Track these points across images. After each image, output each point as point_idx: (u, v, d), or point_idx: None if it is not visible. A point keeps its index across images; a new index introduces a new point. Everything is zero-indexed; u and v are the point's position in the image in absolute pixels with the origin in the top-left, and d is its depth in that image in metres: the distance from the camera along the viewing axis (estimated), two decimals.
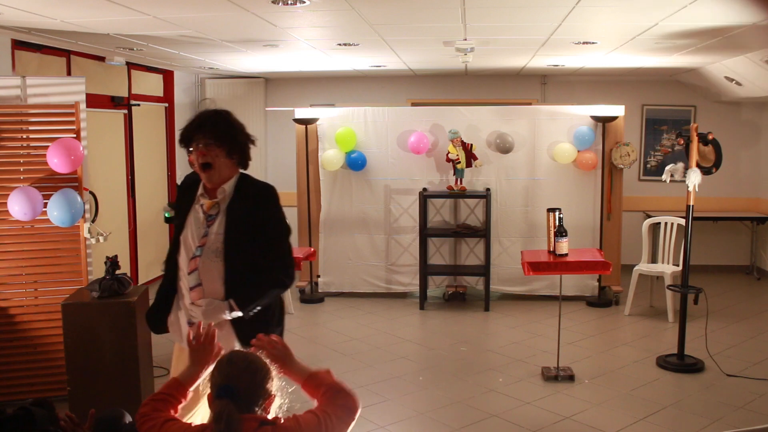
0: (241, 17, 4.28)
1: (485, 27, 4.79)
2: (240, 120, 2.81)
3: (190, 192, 2.77)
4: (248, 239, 2.65)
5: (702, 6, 3.83)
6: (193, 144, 2.65)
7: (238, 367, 1.86)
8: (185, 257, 2.69)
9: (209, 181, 2.68)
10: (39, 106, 4.42)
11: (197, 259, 2.65)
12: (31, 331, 4.32)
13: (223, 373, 1.85)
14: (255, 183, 2.79)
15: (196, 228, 2.69)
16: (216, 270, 2.63)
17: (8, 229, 4.29)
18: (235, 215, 2.66)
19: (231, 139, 2.68)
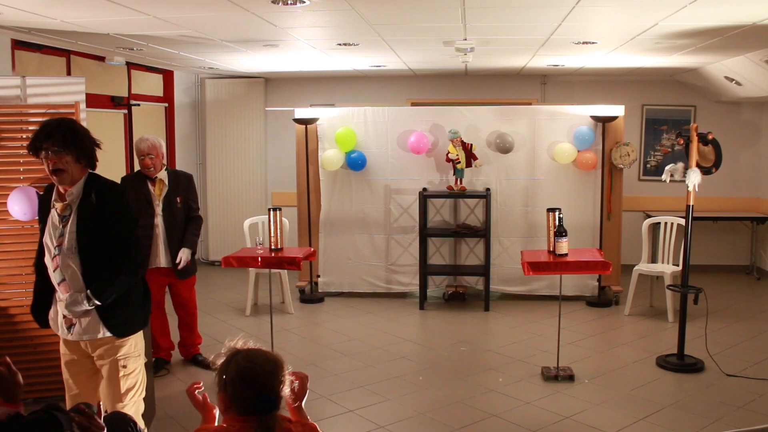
0: (241, 17, 4.29)
1: (485, 27, 4.79)
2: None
3: (47, 199, 3.03)
4: (98, 234, 2.93)
5: (702, 6, 3.83)
6: (42, 152, 2.86)
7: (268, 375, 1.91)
8: (48, 257, 2.98)
9: (61, 183, 2.93)
10: (39, 106, 4.42)
11: (57, 258, 2.94)
12: (31, 331, 4.32)
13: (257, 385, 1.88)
14: (103, 182, 3.04)
15: (54, 229, 2.96)
16: (74, 265, 2.93)
17: (8, 229, 4.29)
18: (84, 213, 2.93)
19: (78, 145, 2.91)
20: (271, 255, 5.05)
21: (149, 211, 4.77)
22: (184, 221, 4.94)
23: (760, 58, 5.80)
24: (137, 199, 4.69)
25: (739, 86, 6.94)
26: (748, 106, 8.19)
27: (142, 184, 4.81)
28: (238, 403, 1.87)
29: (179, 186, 4.92)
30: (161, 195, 4.84)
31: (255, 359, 1.92)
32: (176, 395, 4.59)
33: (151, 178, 4.83)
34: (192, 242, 4.96)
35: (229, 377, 1.89)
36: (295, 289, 7.18)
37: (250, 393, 1.87)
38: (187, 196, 4.97)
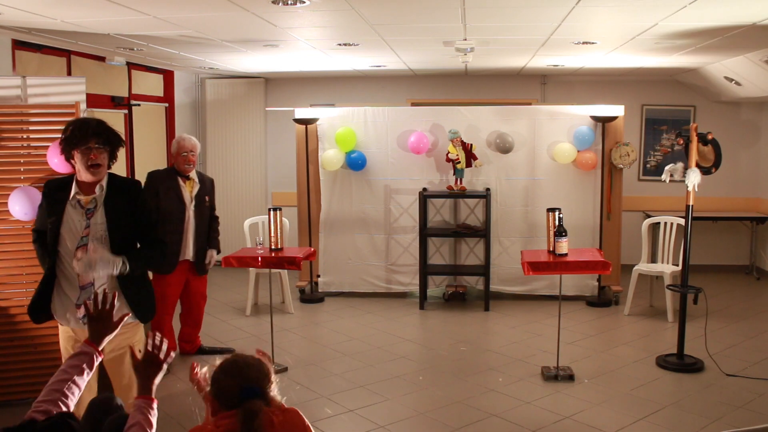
0: (241, 17, 4.29)
1: (485, 27, 4.79)
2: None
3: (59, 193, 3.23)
4: (126, 224, 3.26)
5: (702, 6, 3.83)
6: (83, 147, 3.12)
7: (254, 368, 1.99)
8: (70, 247, 3.18)
9: (96, 177, 3.19)
10: (39, 106, 4.42)
11: (84, 247, 3.16)
12: (31, 331, 4.32)
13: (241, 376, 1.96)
14: (124, 179, 3.39)
15: (75, 221, 3.19)
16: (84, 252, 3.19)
17: (8, 229, 4.29)
18: (113, 207, 3.23)
19: (116, 144, 3.24)
20: (271, 255, 5.05)
21: (180, 207, 4.99)
22: (208, 220, 5.20)
23: (760, 58, 5.80)
24: (168, 195, 4.95)
25: (738, 86, 6.94)
26: (748, 106, 8.19)
27: (173, 181, 5.01)
28: (223, 399, 1.95)
29: (206, 186, 5.17)
30: (192, 192, 5.06)
31: (237, 355, 2.03)
32: (176, 395, 4.60)
33: (184, 176, 5.04)
34: (217, 243, 5.28)
35: (215, 375, 2.00)
36: (295, 289, 7.19)
37: (232, 383, 1.95)
38: (212, 197, 5.25)
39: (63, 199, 3.21)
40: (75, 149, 3.13)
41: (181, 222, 4.98)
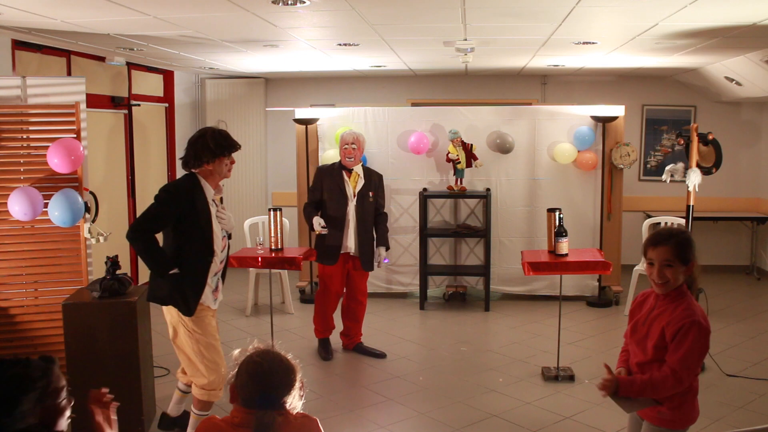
0: (241, 17, 4.29)
1: (485, 27, 4.79)
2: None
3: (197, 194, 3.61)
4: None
5: (702, 6, 3.83)
6: (229, 155, 3.71)
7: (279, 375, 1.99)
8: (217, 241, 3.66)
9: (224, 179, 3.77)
10: (39, 106, 4.42)
11: (225, 239, 3.76)
12: (31, 331, 4.32)
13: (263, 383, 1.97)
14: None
15: (218, 219, 3.68)
16: (226, 242, 3.79)
17: (9, 229, 4.29)
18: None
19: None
20: (271, 255, 5.05)
21: (342, 201, 5.13)
22: (373, 215, 5.25)
23: (760, 58, 5.80)
24: (331, 188, 5.13)
25: (739, 86, 6.94)
26: (748, 106, 8.19)
27: (337, 174, 5.16)
28: (242, 395, 1.98)
29: (371, 182, 5.24)
30: (356, 187, 5.16)
31: (266, 357, 2.02)
32: None
33: (348, 169, 5.15)
34: (387, 241, 5.34)
35: (241, 369, 2.00)
36: (295, 289, 7.18)
37: (253, 388, 1.96)
38: (378, 193, 5.28)
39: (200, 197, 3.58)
40: (224, 156, 3.63)
41: (342, 215, 5.09)
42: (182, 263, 3.57)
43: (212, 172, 3.63)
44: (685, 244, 2.56)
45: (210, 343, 3.66)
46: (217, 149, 3.60)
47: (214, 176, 3.65)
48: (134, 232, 3.51)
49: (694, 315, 2.50)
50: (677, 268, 2.54)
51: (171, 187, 3.68)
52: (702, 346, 2.52)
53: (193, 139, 3.66)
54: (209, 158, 3.59)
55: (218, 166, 3.63)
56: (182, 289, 3.56)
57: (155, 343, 4.51)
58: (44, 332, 4.32)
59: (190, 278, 3.57)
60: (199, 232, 3.57)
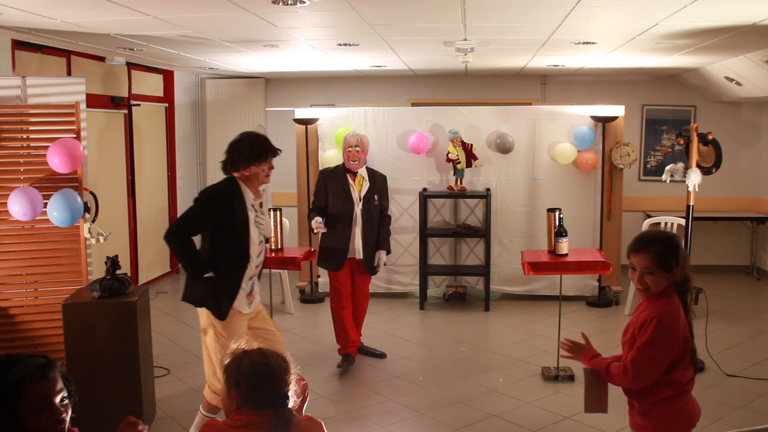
0: (241, 17, 4.28)
1: (485, 27, 4.79)
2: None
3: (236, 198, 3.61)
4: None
5: (702, 6, 3.83)
6: (266, 161, 3.71)
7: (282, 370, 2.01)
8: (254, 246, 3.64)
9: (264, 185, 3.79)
10: (39, 106, 4.42)
11: (262, 244, 3.74)
12: (31, 331, 4.32)
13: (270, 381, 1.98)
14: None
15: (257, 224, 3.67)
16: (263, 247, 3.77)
17: (8, 229, 4.29)
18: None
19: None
20: (271, 255, 5.05)
21: (348, 205, 4.98)
22: (378, 218, 5.11)
23: (760, 58, 5.80)
24: (336, 192, 5.00)
25: (739, 86, 6.94)
26: (748, 106, 8.19)
27: (342, 178, 5.01)
28: (252, 399, 1.96)
29: (376, 184, 5.10)
30: (361, 190, 5.02)
31: (268, 356, 2.03)
32: (176, 395, 4.60)
33: (352, 172, 5.00)
34: (388, 244, 5.21)
35: (242, 375, 1.97)
36: (295, 289, 7.18)
37: (266, 388, 1.96)
38: (382, 195, 5.16)
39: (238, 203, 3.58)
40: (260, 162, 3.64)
41: (349, 220, 4.96)
42: (217, 267, 3.56)
43: (249, 177, 3.64)
44: (667, 252, 2.49)
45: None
46: (251, 155, 3.60)
47: (252, 181, 3.66)
48: (171, 234, 3.54)
49: (657, 312, 2.45)
50: (658, 275, 2.49)
51: (210, 190, 3.68)
52: (658, 344, 2.42)
53: (232, 144, 3.68)
54: (245, 164, 3.60)
55: (255, 172, 3.64)
56: (216, 293, 3.56)
57: (155, 343, 4.52)
58: (44, 332, 4.32)
59: (225, 282, 3.57)
60: (235, 236, 3.57)
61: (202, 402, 3.77)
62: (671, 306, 2.48)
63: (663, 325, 2.42)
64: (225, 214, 3.54)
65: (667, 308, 2.47)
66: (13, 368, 1.88)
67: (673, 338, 2.43)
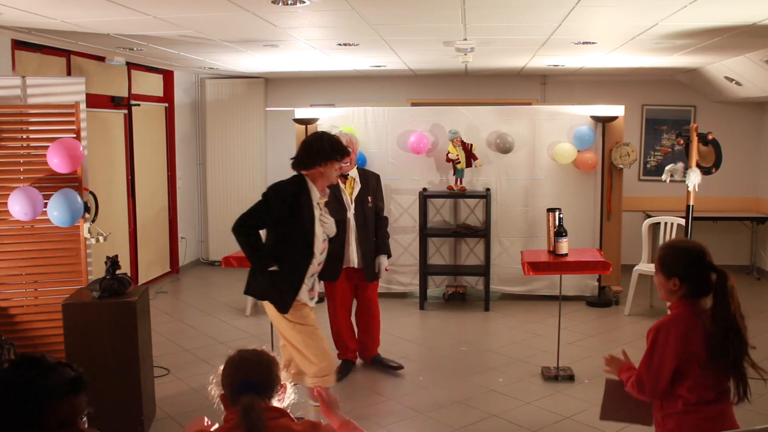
0: (241, 17, 4.29)
1: (485, 27, 4.79)
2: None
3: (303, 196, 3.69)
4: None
5: (702, 6, 3.83)
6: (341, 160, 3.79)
7: (253, 363, 2.00)
8: (318, 243, 3.71)
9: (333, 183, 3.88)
10: (39, 106, 4.42)
11: (326, 242, 3.81)
12: (31, 331, 4.32)
13: (240, 371, 1.98)
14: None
15: (321, 222, 3.73)
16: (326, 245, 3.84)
17: (8, 229, 4.29)
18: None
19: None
20: None
21: (340, 210, 4.69)
22: (374, 221, 4.89)
23: (760, 58, 5.80)
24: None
25: (739, 86, 6.94)
26: (748, 106, 8.19)
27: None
28: (230, 393, 1.97)
29: (369, 185, 4.89)
30: (353, 193, 4.80)
31: (245, 351, 2.04)
32: (176, 395, 4.60)
33: (343, 175, 4.76)
34: (388, 248, 4.97)
35: (225, 372, 2.00)
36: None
37: (237, 377, 1.96)
38: (377, 196, 4.95)
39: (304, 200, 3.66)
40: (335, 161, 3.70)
41: (342, 226, 4.58)
42: (281, 261, 3.65)
43: (322, 174, 3.70)
44: (665, 257, 2.51)
45: (312, 331, 3.73)
46: (331, 153, 3.68)
47: (322, 179, 3.72)
48: (239, 227, 3.63)
49: (660, 322, 2.46)
50: (657, 279, 2.52)
51: (278, 186, 3.75)
52: (653, 354, 2.43)
53: (308, 140, 3.77)
54: (323, 160, 3.67)
55: (329, 170, 3.70)
56: (279, 287, 3.66)
57: (155, 343, 4.51)
58: (44, 332, 4.32)
59: (288, 277, 3.65)
60: (300, 233, 3.64)
61: (308, 393, 3.72)
62: (677, 317, 2.46)
63: (660, 334, 2.44)
64: (292, 209, 3.63)
65: (671, 318, 2.47)
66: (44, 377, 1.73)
67: (669, 348, 2.41)
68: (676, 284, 2.48)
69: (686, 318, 2.45)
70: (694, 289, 2.48)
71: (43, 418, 1.65)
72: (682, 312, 2.47)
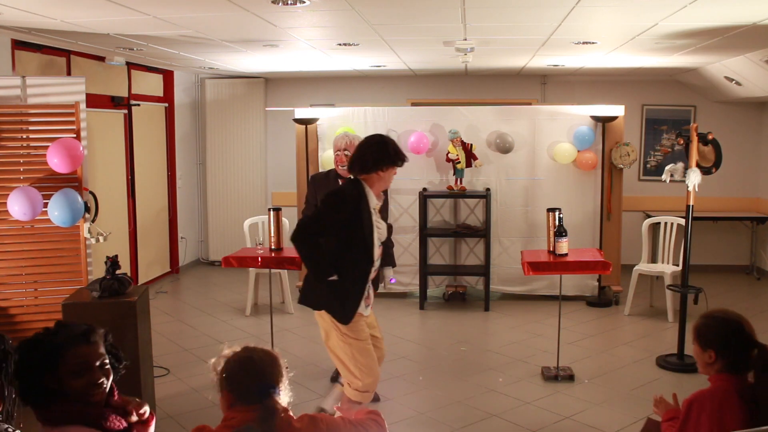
0: (241, 17, 4.29)
1: (485, 27, 4.79)
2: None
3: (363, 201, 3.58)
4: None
5: (702, 6, 3.83)
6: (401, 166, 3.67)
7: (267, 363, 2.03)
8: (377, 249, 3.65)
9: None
10: (39, 106, 4.42)
11: (380, 248, 3.73)
12: (31, 331, 4.29)
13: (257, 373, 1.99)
14: None
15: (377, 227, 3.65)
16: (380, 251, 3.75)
17: (8, 229, 4.30)
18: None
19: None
20: (271, 255, 5.04)
21: None
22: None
23: (760, 58, 5.80)
24: None
25: (739, 86, 6.94)
26: (748, 106, 8.19)
27: (333, 185, 4.52)
28: (241, 393, 1.97)
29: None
30: None
31: (252, 351, 2.07)
32: (176, 395, 4.60)
33: (344, 178, 4.51)
34: (392, 258, 4.67)
35: (230, 371, 2.01)
36: (295, 289, 7.16)
37: (252, 379, 1.97)
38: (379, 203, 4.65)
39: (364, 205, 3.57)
40: (396, 166, 3.61)
41: None
42: (341, 270, 3.55)
43: (381, 179, 3.61)
44: (702, 328, 2.45)
45: (363, 347, 3.67)
46: (395, 158, 3.60)
47: (379, 184, 3.63)
48: (301, 234, 3.50)
49: (695, 395, 2.37)
50: (695, 349, 2.45)
51: (340, 192, 3.63)
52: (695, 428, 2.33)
53: (370, 144, 3.63)
54: (386, 165, 3.57)
55: (389, 174, 3.63)
56: (341, 297, 3.56)
57: (155, 343, 4.52)
58: None
59: (350, 286, 3.57)
60: (361, 240, 3.55)
61: (342, 398, 3.77)
62: (713, 392, 2.37)
63: (693, 410, 2.34)
64: (353, 216, 3.53)
65: (707, 393, 2.37)
66: (58, 333, 2.07)
67: (702, 427, 2.31)
68: (711, 357, 2.39)
69: (723, 394, 2.34)
70: (732, 363, 2.37)
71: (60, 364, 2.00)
72: (718, 387, 2.37)
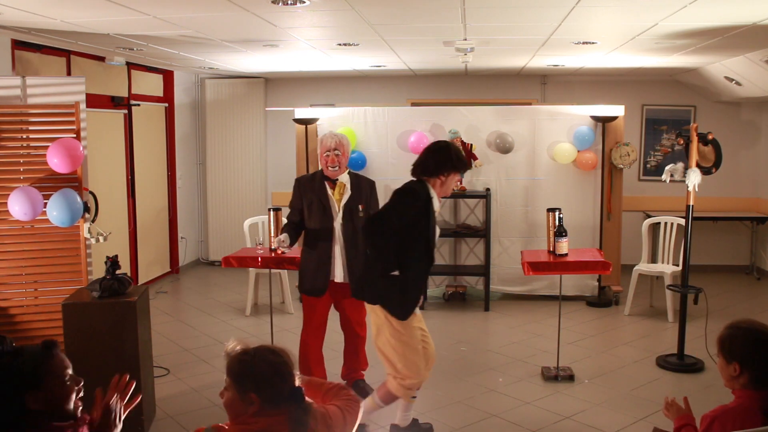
0: (241, 17, 4.29)
1: (485, 27, 4.79)
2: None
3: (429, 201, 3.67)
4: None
5: (702, 6, 3.83)
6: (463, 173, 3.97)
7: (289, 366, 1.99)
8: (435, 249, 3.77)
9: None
10: (39, 106, 4.42)
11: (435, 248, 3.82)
12: (31, 331, 4.32)
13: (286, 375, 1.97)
14: None
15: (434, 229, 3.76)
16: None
17: (8, 229, 4.29)
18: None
19: None
20: (271, 255, 5.04)
21: (326, 218, 4.25)
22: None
23: (760, 58, 5.80)
24: (311, 203, 4.28)
25: (739, 86, 6.94)
26: (748, 106, 8.19)
27: (319, 187, 4.29)
28: (274, 399, 1.93)
29: (361, 192, 4.35)
30: (341, 200, 4.27)
31: (281, 354, 2.00)
32: (176, 396, 4.59)
33: (331, 180, 4.30)
34: None
35: (262, 376, 1.93)
36: (295, 289, 7.15)
37: (286, 385, 1.95)
38: (370, 205, 4.38)
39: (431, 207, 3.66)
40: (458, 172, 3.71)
41: (327, 236, 4.23)
42: (403, 267, 3.65)
43: (443, 184, 3.69)
44: (726, 338, 2.41)
45: (414, 346, 3.73)
46: (458, 164, 3.69)
47: (441, 188, 3.71)
48: (375, 227, 3.60)
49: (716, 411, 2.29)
50: (720, 362, 2.40)
51: (411, 190, 3.66)
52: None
53: (435, 148, 3.74)
54: (448, 170, 3.66)
55: (450, 181, 3.71)
56: (400, 292, 3.66)
57: (155, 343, 4.51)
58: (44, 332, 4.31)
59: (411, 283, 3.68)
60: (424, 239, 3.66)
61: (381, 391, 3.86)
62: (736, 408, 2.28)
63: (714, 425, 2.26)
64: (420, 215, 3.62)
65: (730, 410, 2.28)
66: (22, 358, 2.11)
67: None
68: (736, 370, 2.31)
69: (746, 411, 2.24)
70: (758, 377, 2.27)
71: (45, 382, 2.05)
72: (742, 404, 2.28)
